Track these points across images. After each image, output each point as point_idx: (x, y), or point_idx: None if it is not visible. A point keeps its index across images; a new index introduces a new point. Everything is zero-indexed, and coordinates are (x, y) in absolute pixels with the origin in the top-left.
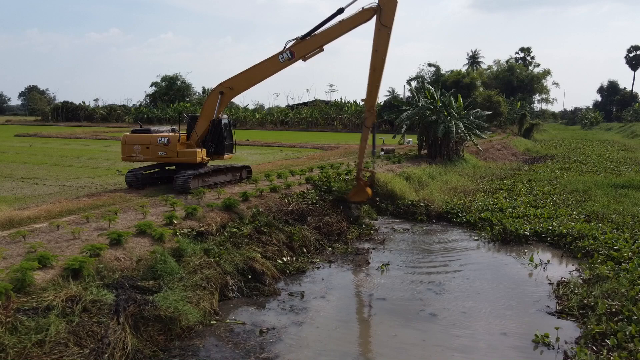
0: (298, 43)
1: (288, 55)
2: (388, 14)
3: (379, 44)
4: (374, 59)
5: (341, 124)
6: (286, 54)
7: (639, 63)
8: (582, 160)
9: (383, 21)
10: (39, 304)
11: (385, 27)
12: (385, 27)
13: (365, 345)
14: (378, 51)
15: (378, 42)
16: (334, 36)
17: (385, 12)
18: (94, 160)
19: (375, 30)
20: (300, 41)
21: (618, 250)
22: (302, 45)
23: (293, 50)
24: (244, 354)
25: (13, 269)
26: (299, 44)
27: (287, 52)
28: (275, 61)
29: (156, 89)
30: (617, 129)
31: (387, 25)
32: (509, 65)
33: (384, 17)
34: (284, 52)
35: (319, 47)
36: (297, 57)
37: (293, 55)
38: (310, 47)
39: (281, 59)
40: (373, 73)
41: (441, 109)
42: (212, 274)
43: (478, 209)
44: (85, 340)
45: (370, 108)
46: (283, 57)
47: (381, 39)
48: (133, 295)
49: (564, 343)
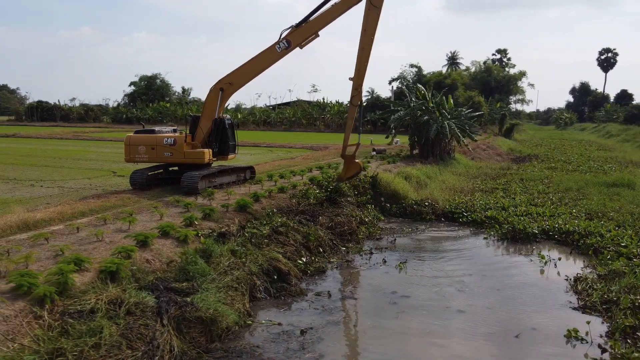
0: (294, 31)
1: (285, 44)
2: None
3: (368, 23)
4: (363, 38)
5: (324, 124)
6: (283, 44)
7: (610, 65)
8: (565, 160)
9: (373, 1)
10: (83, 307)
11: (374, 7)
12: (374, 7)
13: (403, 343)
14: (367, 31)
15: (367, 21)
16: (329, 20)
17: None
18: (84, 161)
19: (365, 10)
20: (296, 29)
21: (626, 247)
22: (298, 33)
23: (289, 38)
24: (289, 354)
25: (52, 272)
26: (294, 32)
27: (283, 42)
28: (272, 51)
29: (135, 88)
30: (591, 129)
31: (376, 5)
32: (486, 66)
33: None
34: (280, 42)
35: (314, 32)
36: (294, 45)
37: (290, 43)
38: (306, 33)
39: (278, 48)
40: (361, 52)
41: (433, 110)
42: (241, 275)
43: (481, 208)
44: (135, 343)
45: (357, 86)
46: (280, 46)
47: (370, 19)
48: (173, 297)
49: (596, 337)
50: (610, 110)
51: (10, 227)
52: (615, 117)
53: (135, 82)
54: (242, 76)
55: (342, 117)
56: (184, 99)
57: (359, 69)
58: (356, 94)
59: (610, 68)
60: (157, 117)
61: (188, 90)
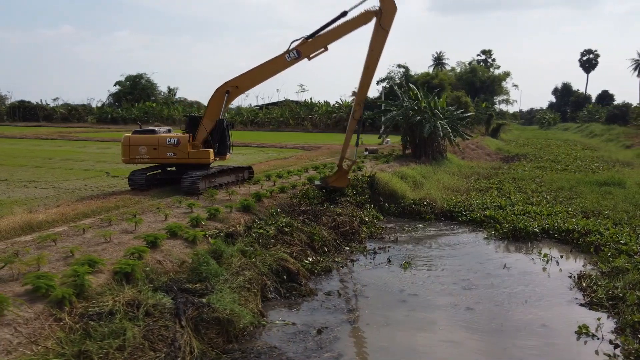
0: (305, 42)
1: (295, 54)
2: (387, 18)
3: (375, 44)
4: (370, 58)
5: (312, 124)
6: (293, 54)
7: (591, 66)
8: (553, 159)
9: (382, 24)
10: (101, 309)
11: (383, 29)
12: (383, 30)
13: (419, 341)
14: (374, 51)
15: (375, 42)
16: (339, 36)
17: (385, 16)
18: (74, 162)
19: (374, 31)
20: (307, 41)
21: (625, 244)
22: (309, 45)
23: (300, 49)
24: (308, 354)
25: (67, 273)
26: (305, 44)
27: (293, 52)
28: (282, 60)
29: (120, 88)
30: (574, 129)
31: (385, 28)
32: (471, 67)
33: (383, 21)
34: (290, 52)
35: (324, 46)
36: (303, 56)
37: (299, 54)
38: (316, 46)
39: (288, 58)
40: (366, 70)
41: (426, 110)
42: (253, 275)
43: (479, 207)
44: (157, 345)
45: (360, 102)
46: (290, 56)
47: (378, 40)
48: (190, 298)
49: (605, 333)
50: (592, 110)
51: (14, 228)
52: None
53: (120, 81)
54: (249, 81)
55: (330, 117)
56: (170, 99)
57: (362, 85)
58: (358, 108)
59: (592, 69)
60: (142, 117)
61: (174, 90)
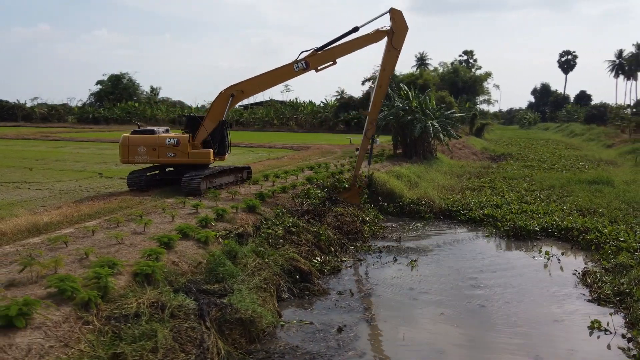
0: (314, 54)
1: (303, 65)
2: (399, 38)
3: (387, 63)
4: (382, 77)
5: (297, 123)
6: (301, 64)
7: (570, 67)
8: (539, 159)
9: (394, 44)
10: (127, 311)
11: (395, 49)
12: (395, 50)
13: (440, 338)
14: (386, 70)
15: (387, 62)
16: (348, 52)
17: (397, 36)
18: (63, 162)
19: (385, 51)
20: (316, 53)
21: (625, 242)
22: (318, 57)
23: (308, 61)
24: (332, 353)
25: (89, 276)
26: (314, 56)
27: (302, 62)
28: (289, 70)
29: (101, 87)
30: (554, 129)
31: (397, 48)
32: (454, 67)
33: (395, 40)
34: (299, 62)
35: (333, 60)
36: (311, 68)
37: (307, 65)
38: (325, 59)
39: (296, 68)
40: (379, 89)
41: (417, 109)
42: (268, 276)
43: (477, 206)
44: (186, 346)
45: (372, 120)
46: (298, 66)
47: (390, 60)
48: (213, 299)
49: (617, 328)
50: (571, 110)
51: (21, 230)
52: (576, 117)
53: (102, 80)
54: (255, 87)
55: (315, 117)
56: (153, 99)
57: (375, 104)
58: (371, 127)
59: (570, 70)
60: (125, 117)
61: (157, 90)
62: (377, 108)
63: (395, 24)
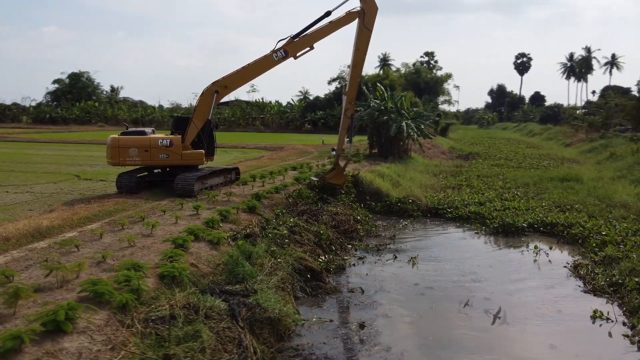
0: (290, 42)
1: (282, 53)
2: (370, 18)
3: (360, 43)
4: (356, 56)
5: (263, 124)
6: (280, 53)
7: (525, 69)
8: (505, 157)
9: (366, 24)
10: (162, 313)
11: (367, 29)
12: (367, 29)
13: (457, 330)
14: (359, 49)
15: (360, 41)
16: (324, 35)
17: (367, 16)
18: (33, 165)
19: (358, 31)
20: (293, 40)
21: (607, 235)
22: (295, 44)
23: (287, 48)
24: (359, 348)
25: (118, 279)
26: (291, 43)
27: (281, 51)
28: (270, 59)
29: (59, 86)
30: (512, 128)
31: (369, 27)
32: (415, 68)
33: (366, 20)
34: (277, 51)
35: (310, 45)
36: (290, 55)
37: (287, 53)
38: (302, 46)
39: (275, 57)
40: (354, 68)
41: (392, 110)
42: (284, 275)
43: (461, 204)
44: (226, 346)
45: (351, 99)
46: (277, 55)
47: (362, 39)
48: (242, 300)
49: (617, 316)
50: (527, 110)
51: (24, 235)
52: (532, 117)
53: (59, 79)
54: (238, 80)
55: (282, 117)
56: (113, 98)
57: (352, 84)
58: (350, 106)
59: (526, 71)
60: (85, 117)
61: (117, 89)
62: (353, 87)
63: (365, 4)
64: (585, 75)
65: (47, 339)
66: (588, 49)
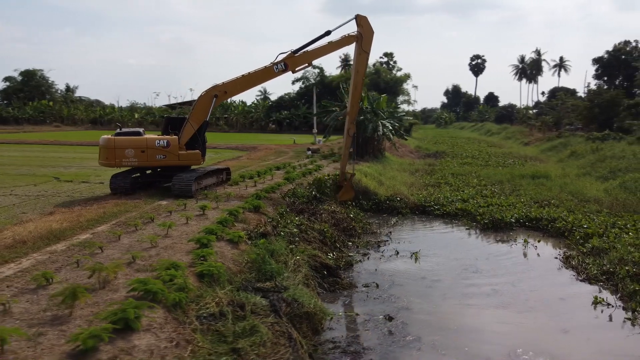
0: (291, 57)
1: (282, 66)
2: (367, 41)
3: (359, 65)
4: (355, 78)
5: (227, 124)
6: (280, 65)
7: (480, 70)
8: (471, 156)
9: (364, 47)
10: (211, 310)
11: (364, 52)
12: (364, 52)
13: (477, 319)
14: (359, 72)
15: (358, 64)
16: (322, 55)
17: (365, 40)
18: (2, 167)
19: (356, 54)
20: (293, 55)
21: (589, 228)
22: (295, 59)
23: (287, 62)
24: (392, 339)
25: (163, 278)
26: (292, 58)
27: (281, 64)
28: (270, 71)
29: (10, 84)
30: (470, 128)
31: (366, 50)
32: (375, 68)
33: (364, 44)
34: (278, 64)
35: (309, 62)
36: (289, 69)
37: (286, 67)
38: (301, 61)
39: (276, 69)
40: (354, 90)
41: (368, 110)
42: (307, 272)
43: (447, 201)
44: (280, 339)
45: (352, 120)
46: (278, 67)
47: (361, 62)
48: (281, 296)
49: (614, 302)
50: (482, 110)
51: (39, 238)
52: (487, 116)
53: (10, 77)
54: (238, 87)
55: (246, 117)
56: (69, 97)
57: (352, 104)
58: (352, 126)
59: (480, 73)
60: (39, 117)
61: (73, 89)
62: (354, 108)
63: (362, 29)
64: (536, 77)
65: (117, 337)
66: (538, 51)
